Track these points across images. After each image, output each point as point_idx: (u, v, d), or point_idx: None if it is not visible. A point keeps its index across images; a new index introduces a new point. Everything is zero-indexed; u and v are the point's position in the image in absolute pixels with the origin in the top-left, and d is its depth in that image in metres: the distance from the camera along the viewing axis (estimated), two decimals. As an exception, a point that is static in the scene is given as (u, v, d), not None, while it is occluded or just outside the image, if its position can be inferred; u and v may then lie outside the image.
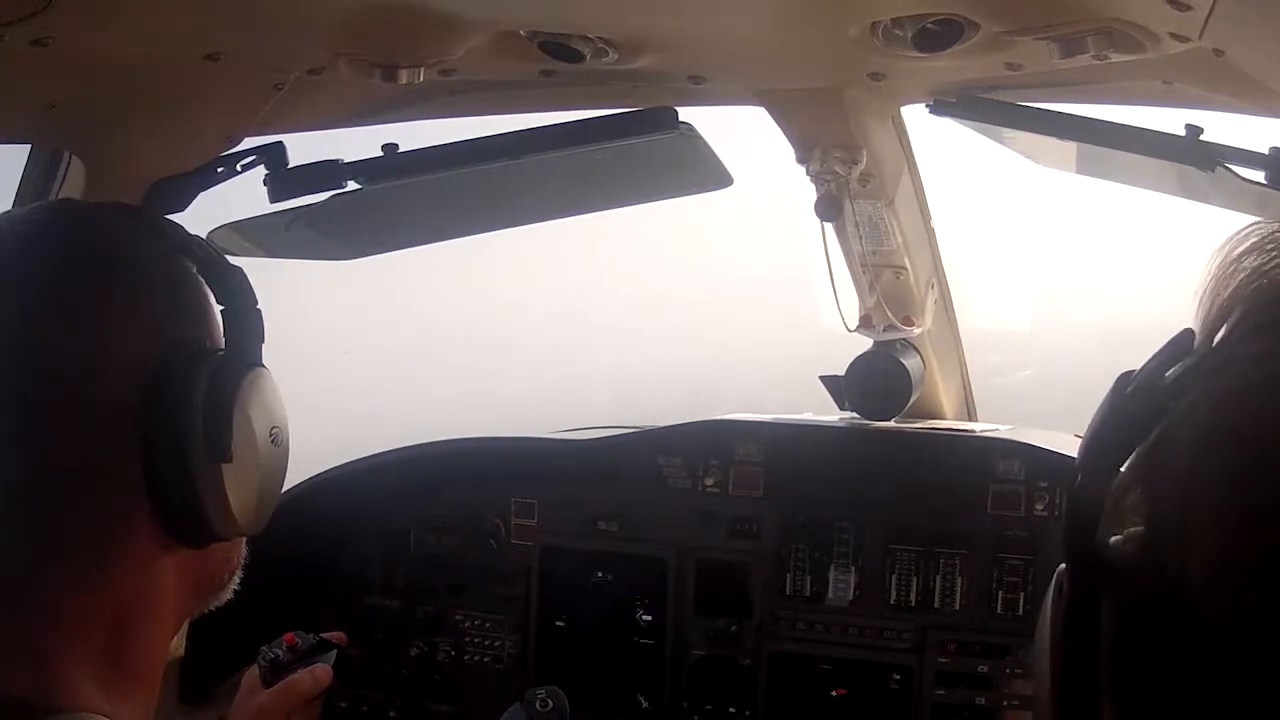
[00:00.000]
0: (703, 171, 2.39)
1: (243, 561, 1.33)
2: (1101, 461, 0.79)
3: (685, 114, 2.16)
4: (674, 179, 2.51)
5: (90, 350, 1.14)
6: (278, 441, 1.29)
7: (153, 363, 1.17)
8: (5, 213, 1.26)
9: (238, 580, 1.32)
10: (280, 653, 2.09)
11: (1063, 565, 0.83)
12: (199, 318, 1.24)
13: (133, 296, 1.19)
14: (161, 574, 1.19)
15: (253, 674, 2.08)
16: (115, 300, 1.17)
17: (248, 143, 2.04)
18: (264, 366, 1.27)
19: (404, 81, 1.82)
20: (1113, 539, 0.78)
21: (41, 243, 1.19)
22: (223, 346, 1.25)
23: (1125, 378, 0.80)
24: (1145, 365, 0.79)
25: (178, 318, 1.22)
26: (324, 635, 2.18)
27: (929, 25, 1.68)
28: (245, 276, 1.28)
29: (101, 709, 1.09)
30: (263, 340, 1.27)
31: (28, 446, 1.13)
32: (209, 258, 1.27)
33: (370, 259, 2.66)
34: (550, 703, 2.24)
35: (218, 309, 1.26)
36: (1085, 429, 0.82)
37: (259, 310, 1.28)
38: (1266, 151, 1.84)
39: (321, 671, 2.06)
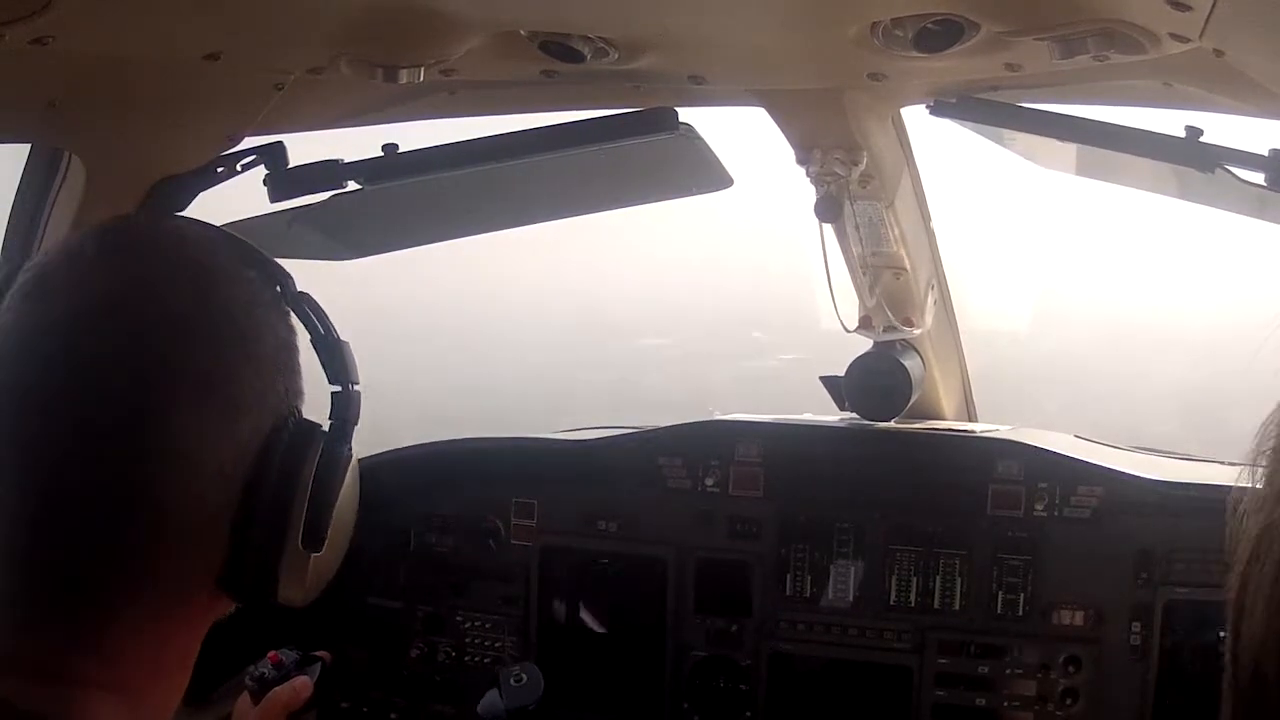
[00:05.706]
0: (703, 172, 2.39)
1: None
2: None
3: (685, 114, 2.17)
4: (674, 179, 2.51)
5: (215, 424, 1.10)
6: (354, 526, 1.30)
7: (263, 434, 1.14)
8: (120, 231, 1.17)
9: None
10: (266, 670, 2.16)
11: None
12: (299, 388, 1.21)
13: (266, 370, 1.15)
14: (204, 622, 1.19)
15: (244, 698, 2.15)
16: (247, 377, 1.13)
17: (248, 142, 2.05)
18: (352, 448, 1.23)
19: (404, 81, 1.82)
20: None
21: (172, 296, 1.12)
22: (300, 417, 1.20)
23: None
24: None
25: (287, 388, 1.19)
26: (310, 652, 2.21)
27: (929, 25, 1.68)
28: (352, 352, 1.24)
29: None
30: (357, 422, 1.23)
31: (126, 497, 1.08)
32: (329, 336, 1.23)
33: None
34: (524, 677, 2.25)
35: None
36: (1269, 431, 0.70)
37: (359, 391, 1.24)
38: (1266, 153, 1.84)
39: (301, 684, 2.13)
